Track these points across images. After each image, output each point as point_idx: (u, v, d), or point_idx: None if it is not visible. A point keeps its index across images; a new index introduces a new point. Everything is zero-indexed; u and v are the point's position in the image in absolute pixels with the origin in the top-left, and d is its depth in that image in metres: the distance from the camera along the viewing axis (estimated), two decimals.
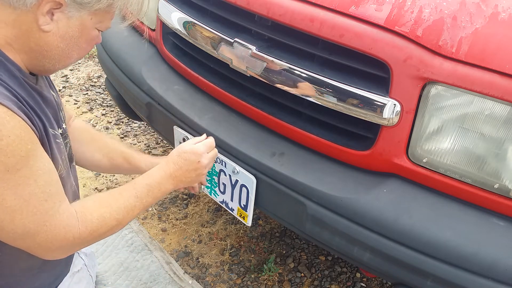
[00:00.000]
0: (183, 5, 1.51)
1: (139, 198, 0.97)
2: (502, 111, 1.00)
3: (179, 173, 1.07)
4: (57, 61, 0.86)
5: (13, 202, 0.75)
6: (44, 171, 0.79)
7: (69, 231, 0.83)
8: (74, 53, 0.87)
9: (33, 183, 0.76)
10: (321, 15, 1.15)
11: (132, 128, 2.77)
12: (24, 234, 0.78)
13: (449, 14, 1.06)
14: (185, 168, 1.08)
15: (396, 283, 1.20)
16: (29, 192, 0.76)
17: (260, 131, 1.36)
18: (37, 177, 0.77)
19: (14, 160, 0.73)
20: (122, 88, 1.73)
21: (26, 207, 0.76)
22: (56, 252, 0.85)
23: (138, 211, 0.97)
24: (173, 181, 1.06)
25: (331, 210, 1.15)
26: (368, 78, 1.13)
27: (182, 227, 2.11)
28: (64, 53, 0.85)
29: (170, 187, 1.06)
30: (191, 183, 1.13)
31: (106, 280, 1.76)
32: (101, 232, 0.89)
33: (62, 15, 0.80)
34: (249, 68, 1.28)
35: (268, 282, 1.88)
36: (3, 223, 0.76)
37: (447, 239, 1.03)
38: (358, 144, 1.20)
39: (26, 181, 0.76)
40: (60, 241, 0.82)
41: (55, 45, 0.82)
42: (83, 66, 3.43)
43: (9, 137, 0.71)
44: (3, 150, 0.71)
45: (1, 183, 0.73)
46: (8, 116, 0.72)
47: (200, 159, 1.11)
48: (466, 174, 1.07)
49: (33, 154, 0.76)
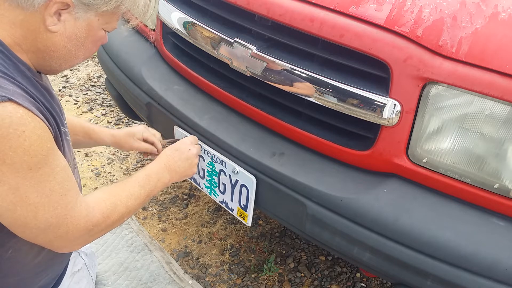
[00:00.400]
0: (183, 5, 1.51)
1: (142, 187, 1.03)
2: (502, 111, 1.00)
3: (173, 163, 1.15)
4: (64, 61, 0.88)
5: (35, 199, 0.78)
6: (61, 168, 0.82)
7: (88, 220, 0.87)
8: (80, 54, 0.89)
9: (52, 180, 0.80)
10: (321, 15, 1.15)
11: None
12: (47, 229, 0.81)
13: (449, 14, 1.06)
14: (178, 157, 1.17)
15: (396, 283, 1.20)
16: (50, 189, 0.79)
17: (260, 131, 1.36)
18: (56, 174, 0.80)
19: (36, 160, 0.76)
20: (122, 88, 1.73)
21: (47, 202, 0.79)
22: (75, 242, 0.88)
23: (143, 199, 1.03)
24: (169, 172, 1.13)
25: (331, 210, 1.15)
26: (368, 78, 1.13)
27: (182, 227, 2.11)
28: (71, 53, 0.87)
29: (167, 177, 1.13)
30: (184, 173, 1.20)
31: (106, 280, 1.76)
32: (114, 219, 0.94)
33: (69, 16, 0.82)
34: (249, 68, 1.28)
35: (268, 282, 1.88)
36: (27, 220, 0.78)
37: (447, 239, 1.03)
38: (358, 144, 1.20)
39: (47, 178, 0.79)
40: (81, 231, 0.86)
41: (62, 46, 0.84)
42: (83, 66, 3.43)
43: (31, 137, 0.74)
44: (26, 150, 0.74)
45: (24, 181, 0.75)
46: (29, 118, 0.74)
47: (190, 147, 1.22)
48: (466, 174, 1.07)
49: (51, 152, 0.80)
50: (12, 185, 0.74)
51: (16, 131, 0.72)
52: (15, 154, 0.72)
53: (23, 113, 0.73)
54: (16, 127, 0.72)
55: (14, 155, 0.72)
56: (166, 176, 1.12)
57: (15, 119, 0.72)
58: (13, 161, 0.73)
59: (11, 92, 0.73)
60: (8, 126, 0.71)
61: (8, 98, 0.72)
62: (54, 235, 0.83)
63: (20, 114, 0.73)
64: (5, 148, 0.71)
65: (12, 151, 0.72)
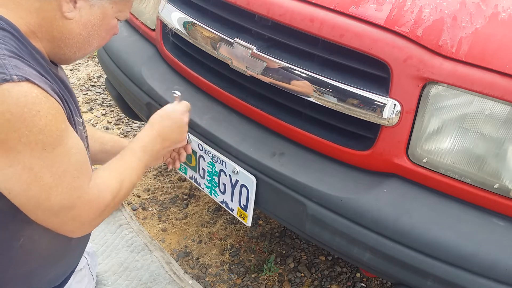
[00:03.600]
0: (183, 5, 1.51)
1: (139, 159, 1.04)
2: (502, 111, 1.00)
3: (164, 132, 1.14)
4: (78, 49, 0.90)
5: (49, 180, 0.78)
6: (76, 150, 0.83)
7: (100, 202, 0.88)
8: (94, 42, 0.91)
9: (67, 161, 0.80)
10: (321, 15, 1.15)
11: (132, 128, 2.77)
12: (60, 211, 0.81)
13: (449, 14, 1.06)
14: (169, 126, 1.15)
15: (396, 283, 1.20)
16: (64, 170, 0.80)
17: (260, 131, 1.36)
18: (70, 155, 0.81)
19: (51, 139, 0.76)
20: (122, 88, 1.73)
21: (61, 183, 0.79)
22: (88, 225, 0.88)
23: (142, 170, 1.05)
24: (160, 139, 1.12)
25: (331, 210, 1.15)
26: (368, 78, 1.13)
27: (182, 227, 2.11)
28: (86, 41, 0.89)
29: (159, 145, 1.12)
30: (176, 140, 1.18)
31: (106, 280, 1.76)
32: (121, 196, 0.95)
33: (84, 3, 0.84)
34: (249, 68, 1.28)
35: (268, 282, 1.88)
36: (40, 200, 0.79)
37: (447, 239, 1.03)
38: (358, 144, 1.20)
39: (61, 159, 0.79)
40: (93, 213, 0.87)
41: (77, 33, 0.86)
42: (83, 66, 3.43)
43: (46, 117, 0.74)
44: (42, 129, 0.74)
45: (38, 161, 0.76)
46: (44, 97, 0.75)
47: (182, 115, 1.19)
48: (466, 174, 1.07)
49: (66, 133, 0.80)
50: (26, 165, 0.75)
51: (31, 110, 0.72)
52: (30, 133, 0.73)
53: (38, 93, 0.74)
54: (31, 107, 0.72)
55: (29, 134, 0.73)
56: (157, 145, 1.12)
57: (30, 99, 0.72)
58: (28, 140, 0.73)
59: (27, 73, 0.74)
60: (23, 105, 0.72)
61: (25, 78, 0.73)
62: (67, 218, 0.83)
63: (35, 94, 0.73)
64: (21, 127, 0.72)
65: (27, 130, 0.73)
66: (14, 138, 0.72)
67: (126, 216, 2.09)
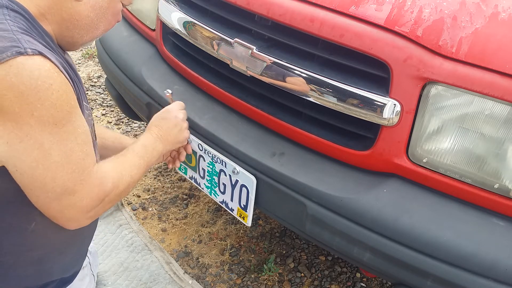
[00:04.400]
0: (183, 5, 1.51)
1: (141, 157, 1.05)
2: (502, 111, 1.00)
3: (163, 132, 1.15)
4: (86, 31, 0.91)
5: (57, 158, 0.78)
6: (83, 130, 0.83)
7: (101, 189, 0.87)
8: (101, 25, 0.93)
9: (74, 140, 0.80)
10: (321, 15, 1.15)
11: (132, 128, 2.77)
12: (62, 194, 0.81)
13: (449, 14, 1.06)
14: (166, 126, 1.17)
15: (396, 283, 1.20)
16: (71, 148, 0.79)
17: (260, 131, 1.36)
18: (78, 135, 0.81)
19: (61, 115, 0.76)
20: (122, 88, 1.73)
21: (67, 164, 0.79)
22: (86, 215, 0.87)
23: (143, 169, 1.05)
24: (161, 141, 1.14)
25: (331, 210, 1.15)
26: (368, 78, 1.13)
27: (182, 227, 2.11)
28: (93, 23, 0.91)
29: (160, 147, 1.13)
30: (176, 140, 1.20)
31: (106, 280, 1.76)
32: (121, 188, 0.94)
33: None
34: (249, 68, 1.28)
35: (268, 282, 1.88)
36: (46, 180, 0.78)
37: (447, 239, 1.03)
38: (358, 144, 1.20)
39: (69, 137, 0.79)
40: (94, 200, 0.86)
41: (86, 15, 0.88)
42: (83, 66, 3.43)
43: (58, 91, 0.75)
44: (53, 104, 0.75)
45: (49, 136, 0.76)
46: (56, 72, 0.76)
47: (176, 114, 1.21)
48: (466, 174, 1.07)
49: (75, 111, 0.80)
50: (37, 140, 0.75)
51: (44, 83, 0.73)
52: (42, 107, 0.73)
53: (50, 67, 0.75)
54: (44, 80, 0.73)
55: (42, 107, 0.73)
56: (159, 145, 1.13)
57: (43, 72, 0.73)
58: (40, 114, 0.73)
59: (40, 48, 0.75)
60: (37, 78, 0.72)
61: (39, 52, 0.74)
62: (68, 203, 0.82)
63: (48, 67, 0.74)
64: (34, 100, 0.72)
65: (40, 103, 0.73)
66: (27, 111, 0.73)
67: (126, 216, 2.09)
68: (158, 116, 1.21)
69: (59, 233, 0.95)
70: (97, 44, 1.94)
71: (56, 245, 0.97)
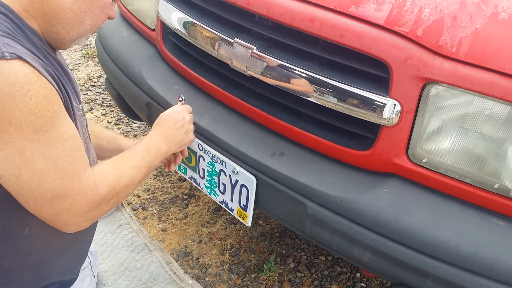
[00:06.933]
0: (183, 5, 1.51)
1: (142, 159, 1.03)
2: (502, 111, 1.00)
3: (169, 133, 1.14)
4: (71, 26, 0.87)
5: (41, 165, 0.75)
6: (70, 135, 0.80)
7: (96, 193, 0.85)
8: (87, 19, 0.89)
9: (60, 146, 0.77)
10: (321, 15, 1.15)
11: (132, 128, 2.77)
12: (53, 199, 0.79)
13: (449, 14, 1.06)
14: (173, 127, 1.16)
15: (396, 283, 1.20)
16: (57, 155, 0.77)
17: (260, 131, 1.36)
18: (63, 140, 0.78)
19: (42, 121, 0.74)
20: (122, 88, 1.73)
21: (54, 170, 0.77)
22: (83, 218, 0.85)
23: (145, 170, 1.03)
24: (166, 141, 1.12)
25: (331, 210, 1.15)
26: (368, 78, 1.13)
27: (182, 227, 2.11)
28: (77, 17, 0.87)
29: (165, 147, 1.12)
30: (182, 141, 1.19)
31: (106, 280, 1.76)
32: (118, 190, 0.92)
33: None
34: (249, 68, 1.28)
35: (268, 282, 1.88)
36: (32, 187, 0.76)
37: (447, 239, 1.03)
38: (358, 144, 1.20)
39: (54, 143, 0.77)
40: (88, 204, 0.84)
41: (68, 8, 0.84)
42: (83, 66, 3.43)
43: (37, 97, 0.73)
44: (32, 110, 0.72)
45: (30, 144, 0.74)
46: (35, 77, 0.73)
47: (183, 115, 1.20)
48: (466, 174, 1.07)
49: (59, 116, 0.78)
50: (18, 147, 0.73)
51: (21, 89, 0.71)
52: (20, 113, 0.71)
53: (29, 72, 0.72)
54: (21, 85, 0.71)
55: (20, 114, 0.71)
56: (163, 146, 1.11)
57: (21, 77, 0.71)
58: (19, 121, 0.71)
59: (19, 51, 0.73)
60: (13, 83, 0.70)
61: (17, 56, 0.71)
62: (61, 208, 0.80)
63: (26, 72, 0.72)
64: (11, 106, 0.70)
65: (18, 110, 0.71)
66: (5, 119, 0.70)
67: (126, 216, 2.09)
68: (166, 115, 1.19)
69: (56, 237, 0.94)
70: (97, 44, 1.94)
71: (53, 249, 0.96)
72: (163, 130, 1.14)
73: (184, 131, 1.19)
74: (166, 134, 1.13)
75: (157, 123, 1.17)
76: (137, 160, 1.01)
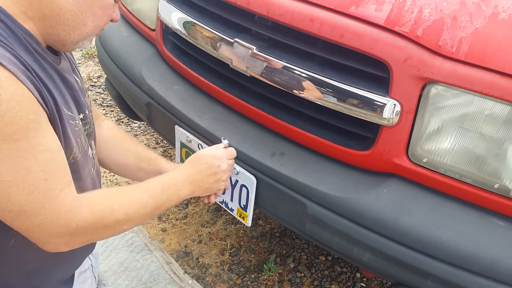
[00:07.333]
0: (183, 5, 1.51)
1: (152, 197, 0.92)
2: (502, 111, 1.00)
3: (197, 177, 1.03)
4: (72, 28, 0.83)
5: (9, 177, 0.70)
6: (46, 148, 0.74)
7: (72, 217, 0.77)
8: (88, 20, 0.85)
9: (32, 158, 0.72)
10: (321, 15, 1.15)
11: (132, 128, 2.77)
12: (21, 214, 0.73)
13: (449, 14, 1.06)
14: (204, 172, 1.05)
15: (396, 283, 1.20)
16: (27, 168, 0.71)
17: (260, 131, 1.36)
18: (37, 153, 0.72)
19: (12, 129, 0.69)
20: (122, 88, 1.73)
21: (22, 183, 0.71)
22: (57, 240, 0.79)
23: (150, 210, 0.91)
24: (190, 185, 1.01)
25: (331, 210, 1.15)
26: (368, 78, 1.13)
27: (182, 227, 2.11)
28: (78, 18, 0.83)
29: (186, 191, 1.01)
30: (208, 189, 1.08)
31: (106, 280, 1.76)
32: (106, 223, 0.82)
33: None
34: (249, 68, 1.28)
35: (268, 282, 1.88)
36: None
37: (447, 239, 1.03)
38: (358, 144, 1.20)
39: (25, 155, 0.71)
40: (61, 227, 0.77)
41: (67, 8, 0.81)
42: (83, 66, 3.43)
43: (8, 102, 0.68)
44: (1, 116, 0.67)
45: None
46: (9, 81, 0.68)
47: (220, 163, 1.08)
48: (466, 174, 1.07)
49: (34, 126, 0.72)
50: None
51: None
52: None
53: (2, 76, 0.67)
54: None
55: None
56: (185, 190, 1.00)
57: None
58: None
59: None
60: None
61: None
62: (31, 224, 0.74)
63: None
64: None
65: None
66: None
67: None
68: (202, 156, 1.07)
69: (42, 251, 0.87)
70: (97, 44, 1.94)
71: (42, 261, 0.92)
72: (192, 172, 1.03)
73: (214, 180, 1.07)
74: (194, 177, 1.02)
75: (189, 161, 1.06)
76: (143, 196, 0.90)
